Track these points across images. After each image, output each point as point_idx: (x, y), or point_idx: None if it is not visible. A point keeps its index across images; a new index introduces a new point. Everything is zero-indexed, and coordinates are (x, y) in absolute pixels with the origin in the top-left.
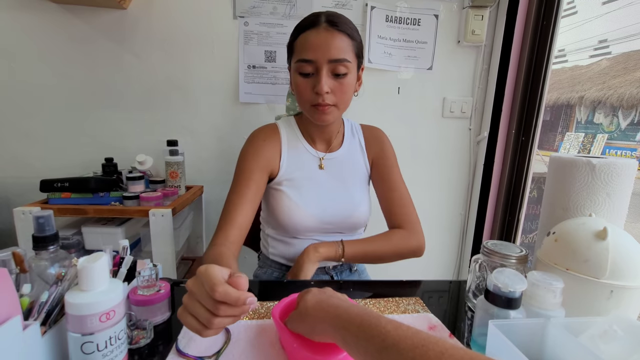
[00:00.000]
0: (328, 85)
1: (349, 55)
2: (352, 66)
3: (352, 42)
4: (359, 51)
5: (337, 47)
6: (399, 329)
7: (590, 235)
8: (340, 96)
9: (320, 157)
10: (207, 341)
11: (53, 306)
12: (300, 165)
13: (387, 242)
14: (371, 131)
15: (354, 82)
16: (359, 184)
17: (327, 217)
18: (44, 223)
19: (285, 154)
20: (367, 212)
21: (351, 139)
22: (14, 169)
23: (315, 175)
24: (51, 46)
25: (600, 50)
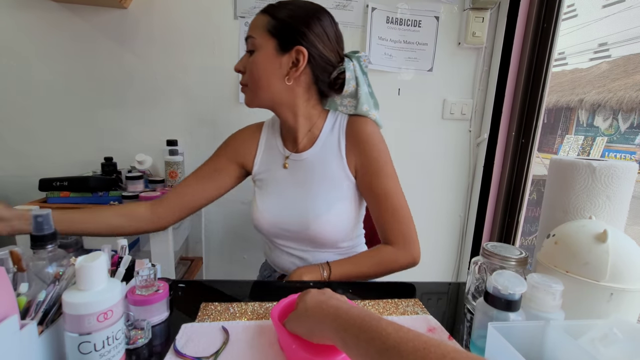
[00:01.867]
0: (241, 63)
1: (256, 32)
2: (262, 43)
3: (269, 19)
4: (278, 29)
5: (251, 25)
6: (399, 331)
7: (590, 238)
8: (249, 75)
9: (286, 156)
10: (205, 341)
11: (50, 305)
12: (270, 165)
13: (375, 263)
14: (356, 130)
15: (269, 62)
16: (328, 192)
17: (282, 224)
18: (42, 222)
19: (260, 152)
20: (332, 230)
21: (327, 138)
22: (13, 167)
23: (278, 176)
24: (52, 45)
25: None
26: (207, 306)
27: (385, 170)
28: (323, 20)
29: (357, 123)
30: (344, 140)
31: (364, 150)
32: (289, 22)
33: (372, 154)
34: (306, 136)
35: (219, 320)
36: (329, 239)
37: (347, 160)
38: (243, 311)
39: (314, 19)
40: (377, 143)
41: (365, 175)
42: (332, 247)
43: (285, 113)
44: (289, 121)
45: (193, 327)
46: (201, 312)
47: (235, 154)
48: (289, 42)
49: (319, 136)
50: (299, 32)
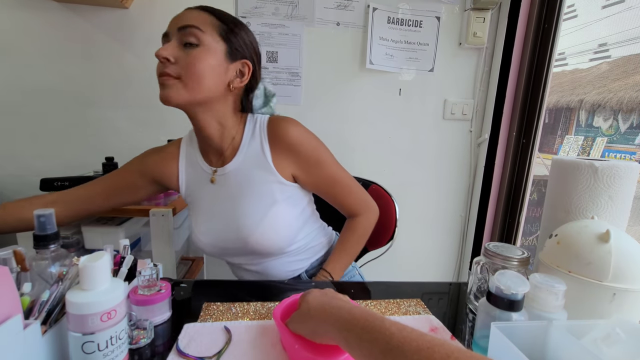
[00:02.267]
0: (170, 51)
1: (205, 27)
2: (209, 40)
3: (217, 22)
4: (228, 37)
5: (190, 15)
6: (403, 331)
7: (592, 238)
8: (186, 68)
9: (213, 170)
10: (207, 341)
11: (54, 305)
12: (196, 183)
13: (359, 240)
14: (277, 135)
15: (215, 63)
16: (258, 202)
17: (221, 242)
18: (45, 222)
19: (182, 171)
20: (273, 238)
21: (250, 145)
22: (14, 167)
23: (205, 194)
24: (53, 45)
25: (600, 54)
26: (209, 306)
27: (324, 160)
28: (257, 44)
29: (279, 127)
30: (268, 146)
31: (298, 155)
32: (239, 32)
33: (307, 153)
34: (230, 146)
35: (221, 320)
36: (272, 247)
37: (276, 167)
38: (245, 311)
39: (253, 36)
40: (306, 141)
41: (309, 174)
42: (282, 253)
43: (209, 121)
44: (211, 131)
45: (195, 327)
46: (203, 312)
47: (153, 174)
48: (238, 52)
49: (241, 144)
50: (247, 46)
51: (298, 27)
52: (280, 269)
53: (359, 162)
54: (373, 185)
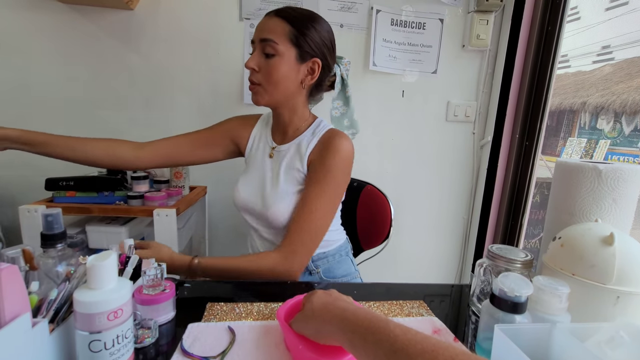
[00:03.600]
0: (255, 62)
1: (279, 38)
2: (283, 49)
3: (289, 27)
4: (298, 39)
5: (268, 27)
6: (407, 333)
7: (596, 241)
8: (266, 76)
9: (272, 147)
10: (212, 341)
11: (61, 304)
12: (258, 151)
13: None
14: (329, 138)
15: (289, 69)
16: (287, 183)
17: (251, 202)
18: (52, 221)
19: (252, 139)
20: (285, 217)
21: (304, 138)
22: (19, 167)
23: (263, 163)
24: (59, 46)
25: (604, 56)
26: (213, 306)
27: (326, 183)
28: (331, 33)
29: (335, 134)
30: (315, 143)
31: (323, 155)
32: (309, 33)
33: (326, 161)
34: (293, 133)
35: (225, 320)
36: (282, 225)
37: (308, 159)
38: (249, 311)
39: (325, 30)
40: (337, 158)
41: (310, 175)
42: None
43: (285, 112)
44: (285, 118)
45: (199, 326)
46: (207, 312)
47: (232, 133)
48: (308, 54)
49: (301, 135)
50: (317, 44)
51: None
52: None
53: (361, 164)
54: (368, 186)
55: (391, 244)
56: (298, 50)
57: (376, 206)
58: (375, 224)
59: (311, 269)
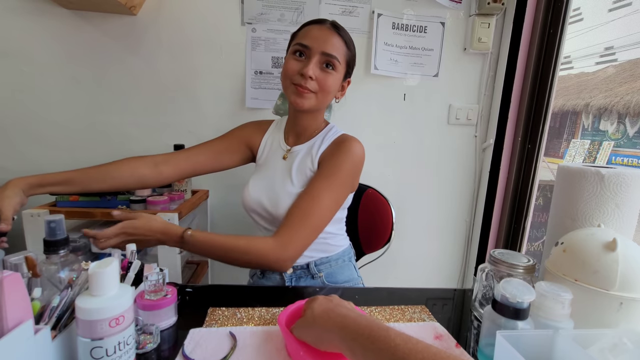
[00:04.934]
0: (314, 72)
1: (340, 56)
2: (340, 68)
3: (346, 49)
4: (350, 61)
5: (333, 44)
6: (408, 343)
7: (599, 246)
8: (323, 87)
9: (287, 149)
10: (213, 347)
11: (64, 311)
12: (270, 157)
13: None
14: (341, 140)
15: (338, 84)
16: (300, 182)
17: (262, 202)
18: (55, 227)
19: (264, 143)
20: None
21: (317, 141)
22: (23, 171)
23: (276, 165)
24: (62, 51)
25: (607, 57)
26: (215, 311)
27: (333, 178)
28: None
29: (348, 138)
30: (326, 146)
31: (334, 153)
32: (354, 56)
33: (336, 159)
34: (308, 136)
35: (227, 325)
36: None
37: (319, 158)
38: (250, 316)
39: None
40: (347, 158)
41: (318, 170)
42: None
43: (311, 117)
44: (306, 122)
45: (201, 332)
46: (209, 317)
47: (248, 138)
48: (348, 74)
49: (315, 137)
50: (353, 68)
51: None
52: None
53: (363, 167)
54: (369, 190)
55: (393, 247)
56: (346, 69)
57: (377, 210)
58: (376, 228)
59: (314, 273)
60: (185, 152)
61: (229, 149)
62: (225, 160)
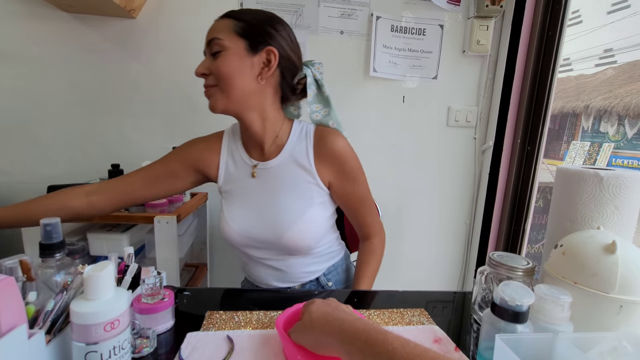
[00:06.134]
0: (204, 65)
1: (222, 34)
2: (229, 44)
3: (235, 22)
4: (247, 30)
5: (214, 28)
6: (406, 347)
7: (598, 249)
8: (217, 74)
9: (253, 165)
10: (210, 351)
11: (58, 315)
12: (236, 175)
13: (379, 259)
14: (324, 143)
15: (237, 63)
16: (298, 200)
17: (254, 234)
18: (51, 230)
19: (223, 163)
20: (305, 237)
21: (296, 146)
22: (22, 174)
23: (245, 186)
24: (62, 54)
25: (606, 59)
26: (212, 315)
27: (359, 178)
28: (286, 26)
29: (327, 137)
30: (312, 150)
31: (339, 166)
32: (257, 23)
33: (348, 167)
34: (273, 144)
35: (224, 329)
36: (302, 247)
37: (317, 171)
38: (248, 320)
39: (279, 23)
40: (350, 156)
41: (343, 187)
42: (305, 254)
43: (252, 117)
44: (256, 126)
45: (198, 336)
46: (206, 321)
47: (195, 163)
48: (259, 43)
49: (287, 144)
50: (268, 34)
51: (302, 35)
52: (300, 269)
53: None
54: None
55: (393, 249)
56: (247, 40)
57: None
58: None
59: (324, 284)
60: (120, 180)
61: (172, 175)
62: (169, 187)
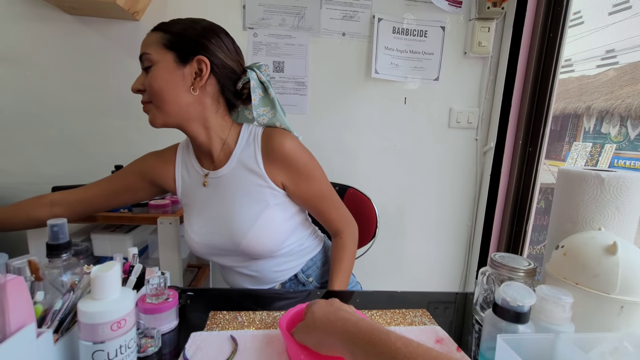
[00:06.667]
0: (139, 82)
1: (151, 48)
2: (157, 58)
3: (163, 34)
4: (175, 42)
5: (143, 43)
6: (409, 346)
7: (599, 250)
8: (150, 89)
9: (205, 174)
10: (214, 350)
11: (66, 314)
12: (190, 186)
13: (351, 254)
14: (270, 145)
15: (167, 75)
16: (250, 206)
17: (214, 243)
18: (58, 231)
19: (178, 174)
20: (265, 241)
21: (244, 151)
22: (26, 175)
23: (199, 196)
24: (65, 56)
25: (608, 60)
26: (216, 315)
27: (314, 175)
28: (219, 32)
29: (274, 138)
30: (260, 154)
31: (289, 166)
32: (184, 33)
33: (299, 166)
34: (222, 151)
35: (228, 329)
36: (262, 251)
37: (267, 173)
38: (251, 320)
39: (210, 31)
40: (299, 155)
41: (298, 186)
42: (271, 256)
43: (195, 128)
44: (201, 137)
45: (202, 335)
46: (210, 321)
47: (151, 176)
48: (188, 53)
49: (234, 150)
50: (196, 43)
51: (304, 37)
52: (271, 269)
53: (364, 171)
54: (350, 189)
55: (394, 250)
56: (175, 53)
57: (361, 209)
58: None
59: (303, 281)
60: (80, 192)
61: (129, 188)
62: (128, 199)
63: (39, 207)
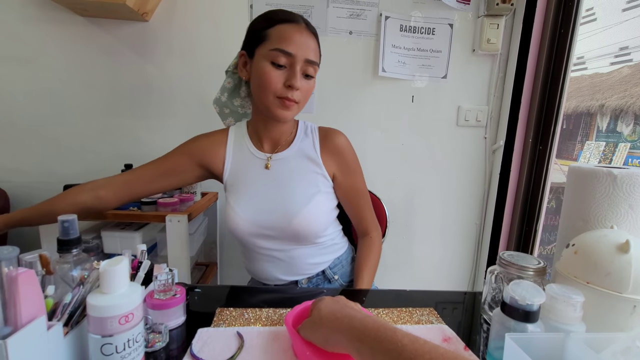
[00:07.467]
0: (301, 83)
1: (317, 59)
2: (315, 73)
3: (316, 45)
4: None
5: (313, 49)
6: (415, 343)
7: (611, 248)
8: (305, 96)
9: (268, 157)
10: (220, 346)
11: (75, 308)
12: (244, 170)
13: (378, 255)
14: (329, 138)
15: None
16: (306, 188)
17: (263, 221)
18: (68, 227)
19: (229, 157)
20: (313, 222)
21: (303, 141)
22: (38, 174)
23: (259, 177)
24: (76, 56)
25: (621, 58)
26: (223, 311)
27: (359, 171)
28: None
29: (332, 133)
30: (318, 144)
31: (342, 158)
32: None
33: (349, 160)
34: (285, 139)
35: (234, 325)
36: (310, 231)
37: (323, 162)
38: (257, 317)
39: None
40: (351, 150)
41: (345, 178)
42: (311, 242)
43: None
44: (285, 128)
45: (209, 331)
46: (217, 317)
47: (200, 158)
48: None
49: (295, 139)
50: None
51: None
52: (305, 260)
53: (372, 169)
54: None
55: (402, 249)
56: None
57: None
58: None
59: (330, 277)
60: (126, 175)
61: (177, 170)
62: (173, 182)
63: (82, 192)
